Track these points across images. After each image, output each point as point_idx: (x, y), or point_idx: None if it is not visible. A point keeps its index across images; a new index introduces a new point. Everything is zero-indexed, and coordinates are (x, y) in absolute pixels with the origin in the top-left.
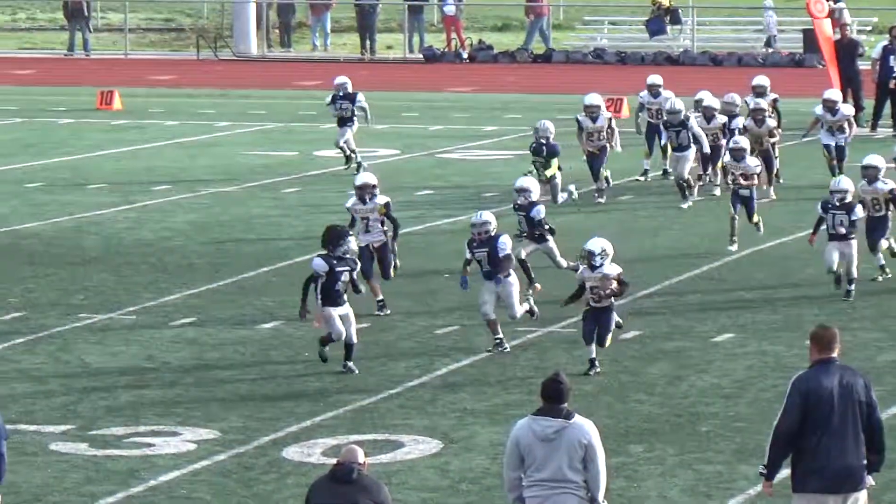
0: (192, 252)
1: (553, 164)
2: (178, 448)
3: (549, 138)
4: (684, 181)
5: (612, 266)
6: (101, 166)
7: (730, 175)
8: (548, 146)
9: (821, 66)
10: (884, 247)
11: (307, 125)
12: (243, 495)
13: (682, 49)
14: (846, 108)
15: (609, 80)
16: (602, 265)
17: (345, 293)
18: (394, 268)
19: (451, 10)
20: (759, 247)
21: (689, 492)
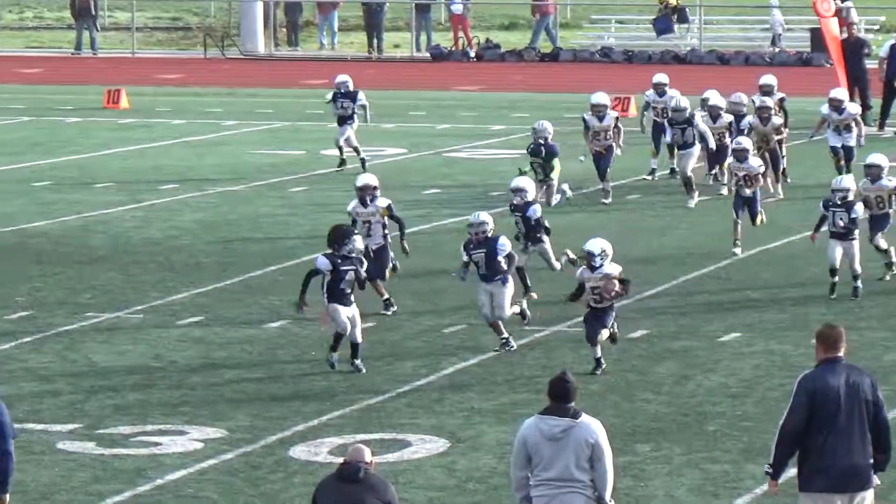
0: (200, 251)
1: (556, 165)
2: (186, 447)
3: (548, 139)
4: (687, 178)
5: (612, 265)
6: (109, 165)
7: (733, 176)
8: (546, 147)
9: (828, 65)
10: (878, 241)
11: (314, 124)
12: (250, 494)
13: (689, 48)
14: (852, 107)
15: (616, 78)
16: (602, 265)
17: (351, 293)
18: (393, 269)
19: (458, 8)
20: (766, 246)
21: (696, 491)
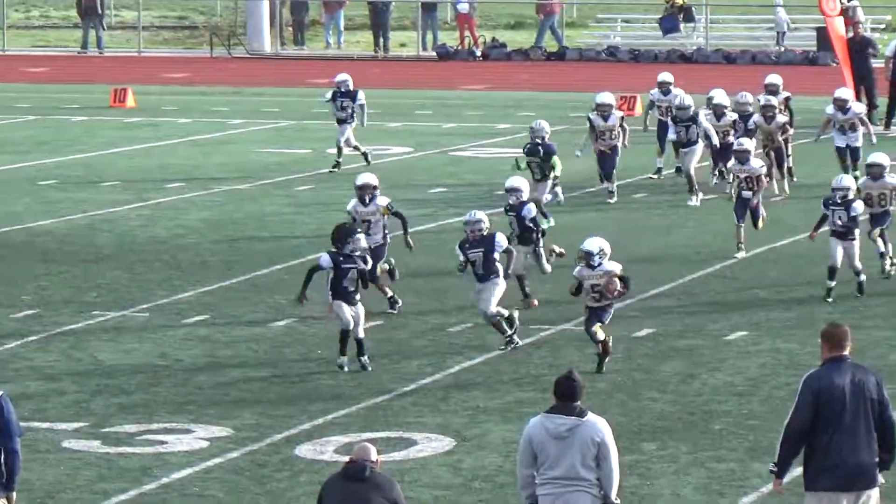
0: (206, 250)
1: (556, 162)
2: (191, 445)
3: (545, 138)
4: (690, 176)
5: (612, 263)
6: (115, 164)
7: (734, 179)
8: (544, 146)
9: (834, 65)
10: (876, 234)
11: (321, 123)
12: (256, 493)
13: (695, 47)
14: (857, 107)
15: (622, 77)
16: (601, 264)
17: (355, 292)
18: (392, 276)
19: (464, 7)
20: (772, 245)
21: (701, 490)
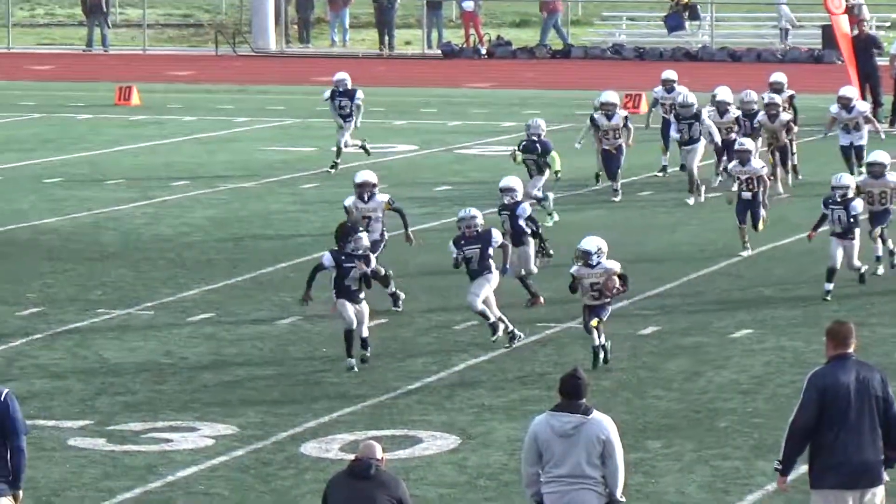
0: (211, 248)
1: (555, 157)
2: (196, 443)
3: (541, 135)
4: (692, 175)
5: (611, 262)
6: (120, 162)
7: (735, 180)
8: (541, 144)
9: (839, 62)
10: (877, 233)
11: (326, 121)
12: (261, 491)
13: (700, 45)
14: (861, 105)
15: (627, 75)
16: (600, 262)
17: (359, 290)
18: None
19: (469, 5)
20: (777, 243)
21: (706, 488)
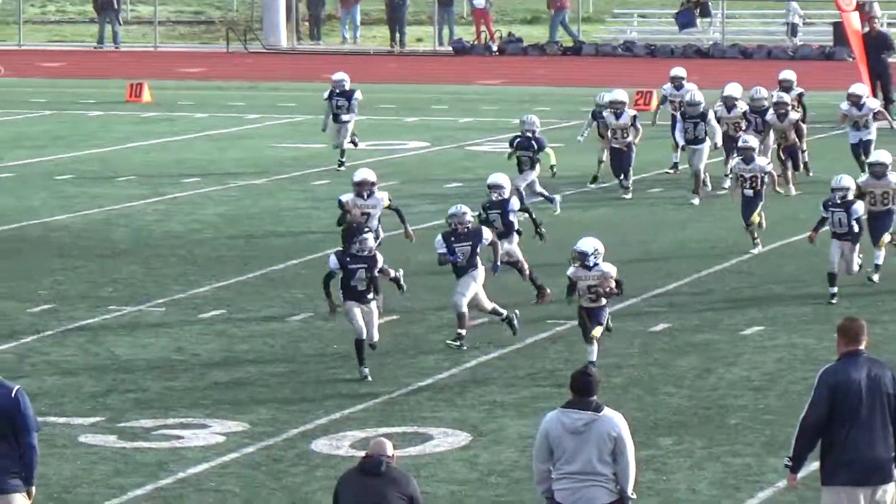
0: (222, 244)
1: (550, 153)
2: (207, 440)
3: (535, 132)
4: (698, 175)
5: (607, 265)
6: (131, 159)
7: (738, 178)
8: (536, 140)
9: (850, 60)
10: (885, 240)
11: None
12: (272, 488)
13: (711, 42)
14: (871, 102)
15: (638, 72)
16: (597, 264)
17: (367, 292)
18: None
19: (480, 2)
20: (788, 240)
21: (717, 485)
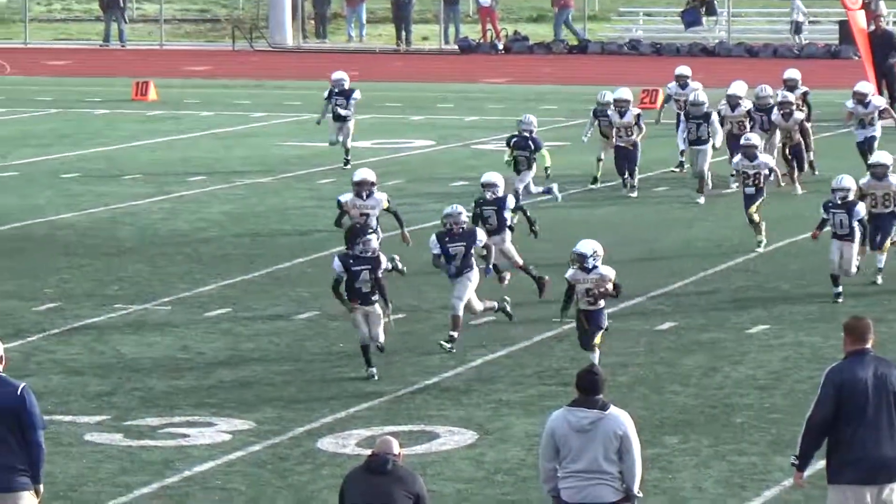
0: (228, 243)
1: (545, 154)
2: (213, 439)
3: (532, 132)
4: (702, 175)
5: (606, 268)
6: (137, 157)
7: (741, 175)
8: (533, 140)
9: (856, 58)
10: (887, 246)
11: None
12: (278, 486)
13: (717, 40)
14: (877, 100)
15: (644, 71)
16: (596, 266)
17: (371, 293)
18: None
19: (486, 1)
20: (794, 238)
21: (723, 483)
